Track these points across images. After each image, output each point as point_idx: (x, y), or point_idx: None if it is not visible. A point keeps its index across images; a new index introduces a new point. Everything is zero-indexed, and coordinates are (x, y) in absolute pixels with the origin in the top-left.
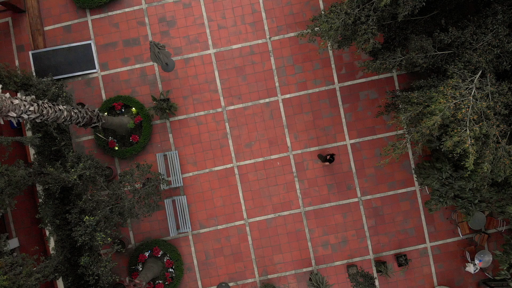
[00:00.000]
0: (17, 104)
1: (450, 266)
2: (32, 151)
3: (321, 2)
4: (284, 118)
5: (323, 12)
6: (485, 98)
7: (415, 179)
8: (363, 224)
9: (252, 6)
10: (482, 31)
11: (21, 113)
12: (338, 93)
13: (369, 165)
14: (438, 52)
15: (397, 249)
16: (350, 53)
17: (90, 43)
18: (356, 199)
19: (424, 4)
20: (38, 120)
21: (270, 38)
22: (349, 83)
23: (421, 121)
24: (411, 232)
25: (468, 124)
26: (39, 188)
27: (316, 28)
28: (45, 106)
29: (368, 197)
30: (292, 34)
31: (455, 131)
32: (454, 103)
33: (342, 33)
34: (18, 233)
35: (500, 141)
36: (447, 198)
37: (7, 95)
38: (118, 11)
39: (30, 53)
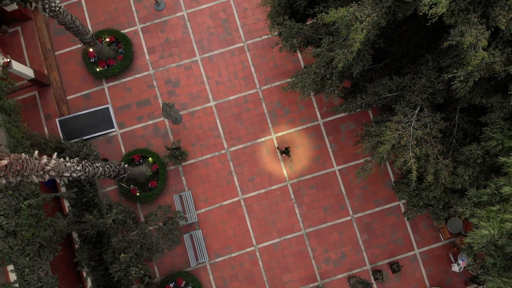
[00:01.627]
0: (69, 166)
1: (438, 268)
2: (67, 204)
3: (299, 55)
4: (279, 153)
5: (298, 72)
6: (423, 127)
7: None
8: (358, 239)
9: (243, 63)
10: (418, 76)
11: (71, 173)
12: (322, 128)
13: (356, 187)
14: (388, 95)
15: (390, 258)
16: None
17: (108, 107)
18: (349, 218)
19: (370, 63)
20: (82, 177)
21: (260, 88)
22: (330, 118)
23: (378, 148)
24: (400, 242)
25: (410, 148)
26: (74, 235)
27: (294, 82)
28: (86, 165)
29: (359, 214)
30: (278, 83)
31: (402, 154)
32: (398, 134)
33: (314, 88)
34: None
35: (439, 157)
36: (419, 207)
37: (61, 159)
38: (130, 78)
39: (57, 120)
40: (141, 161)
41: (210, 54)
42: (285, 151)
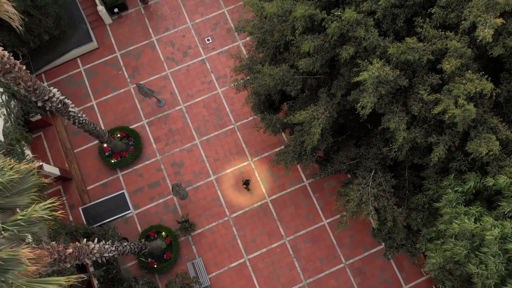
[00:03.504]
0: (107, 248)
1: None
2: (96, 281)
3: (283, 134)
4: (275, 214)
5: (280, 151)
6: (379, 186)
7: None
8: (353, 283)
9: (235, 141)
10: (371, 146)
11: (108, 253)
12: (308, 188)
13: (345, 236)
14: (350, 162)
15: None
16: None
17: (123, 192)
18: (342, 265)
19: (333, 140)
20: (116, 256)
21: (252, 160)
22: (314, 179)
23: (347, 205)
24: (390, 281)
25: (370, 203)
26: None
27: (279, 159)
28: (118, 245)
29: (351, 260)
30: (266, 154)
31: (364, 208)
32: (359, 193)
33: (294, 162)
34: None
35: (394, 207)
36: (395, 248)
37: (102, 243)
38: (141, 164)
39: (80, 209)
40: (155, 236)
41: (207, 137)
42: (245, 183)
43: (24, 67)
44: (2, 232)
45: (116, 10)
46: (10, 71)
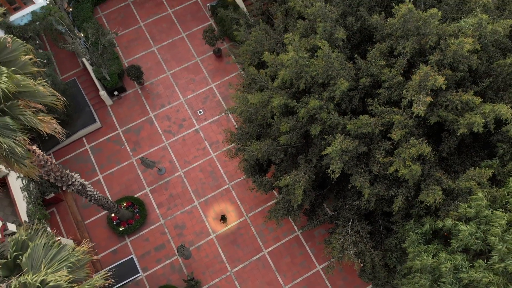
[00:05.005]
0: None
1: None
2: None
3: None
4: (272, 265)
5: (271, 209)
6: (356, 233)
7: None
8: None
9: (230, 200)
10: (347, 199)
11: None
12: (301, 237)
13: (338, 279)
14: (331, 213)
15: None
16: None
17: (132, 257)
18: None
19: (314, 197)
20: None
21: (247, 215)
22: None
23: (332, 252)
24: None
25: (350, 249)
26: None
27: (271, 216)
28: None
29: None
30: (260, 209)
31: (346, 253)
32: (341, 241)
33: (284, 217)
34: None
35: (371, 250)
36: (381, 285)
37: None
38: (146, 230)
39: (93, 275)
40: None
41: (205, 198)
42: (223, 218)
43: (53, 161)
44: None
45: (116, 92)
46: (44, 166)
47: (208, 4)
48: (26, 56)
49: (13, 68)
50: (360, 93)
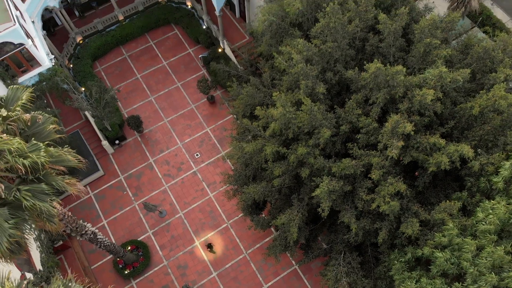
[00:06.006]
0: None
1: None
2: None
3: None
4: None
5: (270, 245)
6: (348, 264)
7: None
8: None
9: (230, 238)
10: (338, 233)
11: None
12: (299, 271)
13: None
14: (325, 247)
15: None
16: None
17: None
18: None
19: (308, 233)
20: None
21: (246, 252)
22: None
23: (328, 282)
24: None
25: (342, 279)
26: None
27: (269, 253)
28: None
29: None
30: (258, 245)
31: (339, 283)
32: (334, 272)
33: (282, 252)
34: None
35: (362, 279)
36: None
37: None
38: (151, 271)
39: None
40: None
41: (205, 237)
42: (209, 246)
43: (70, 214)
44: None
45: (117, 141)
46: (62, 219)
47: (200, 55)
48: (51, 126)
49: (47, 142)
50: (341, 138)
